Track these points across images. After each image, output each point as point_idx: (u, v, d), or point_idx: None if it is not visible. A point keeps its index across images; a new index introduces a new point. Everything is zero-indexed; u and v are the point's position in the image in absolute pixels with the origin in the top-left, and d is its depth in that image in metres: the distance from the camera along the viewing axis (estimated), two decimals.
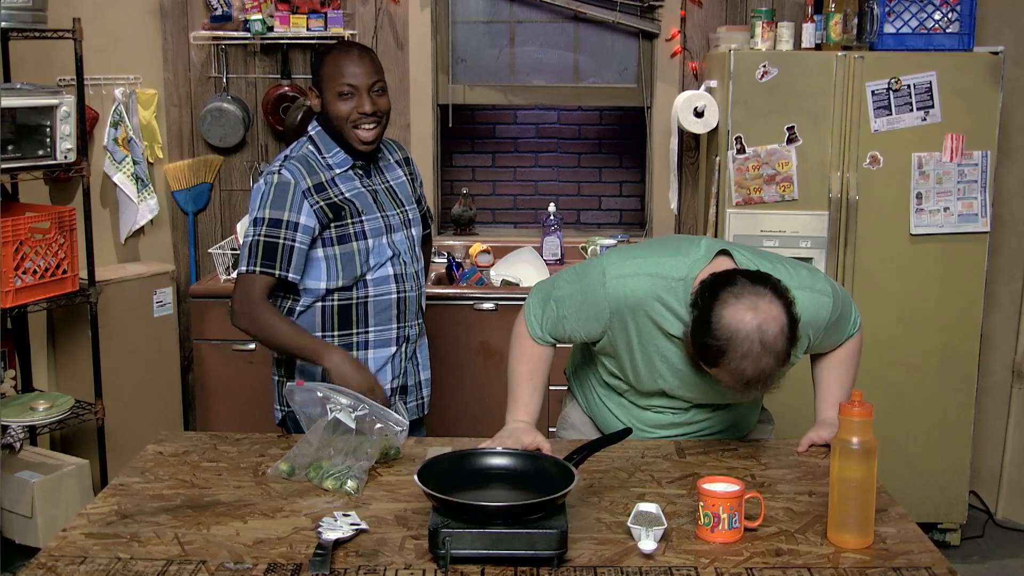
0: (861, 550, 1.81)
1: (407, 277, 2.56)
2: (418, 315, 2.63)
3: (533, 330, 2.28)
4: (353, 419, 2.12)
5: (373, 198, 2.53)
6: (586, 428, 2.45)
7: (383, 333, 2.55)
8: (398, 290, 2.54)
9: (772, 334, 1.89)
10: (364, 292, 2.50)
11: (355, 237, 2.47)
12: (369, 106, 2.45)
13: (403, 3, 4.14)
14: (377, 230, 2.50)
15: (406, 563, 1.75)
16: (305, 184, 2.43)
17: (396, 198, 2.59)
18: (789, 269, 2.15)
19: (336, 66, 2.46)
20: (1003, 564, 3.74)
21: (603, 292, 2.15)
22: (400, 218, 2.57)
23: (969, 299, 3.65)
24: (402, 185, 2.64)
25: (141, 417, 3.90)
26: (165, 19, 4.19)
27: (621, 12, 4.17)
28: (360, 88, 2.45)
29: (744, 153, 3.57)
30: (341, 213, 2.45)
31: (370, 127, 2.47)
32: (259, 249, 2.40)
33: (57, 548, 1.80)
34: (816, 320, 2.14)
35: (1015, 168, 3.98)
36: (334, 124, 2.48)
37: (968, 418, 3.73)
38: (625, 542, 1.83)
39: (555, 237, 4.16)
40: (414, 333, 2.62)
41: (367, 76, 2.46)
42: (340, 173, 2.50)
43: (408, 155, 2.75)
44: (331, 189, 2.46)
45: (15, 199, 3.59)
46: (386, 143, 2.68)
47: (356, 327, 2.52)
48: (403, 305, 2.56)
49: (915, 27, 3.55)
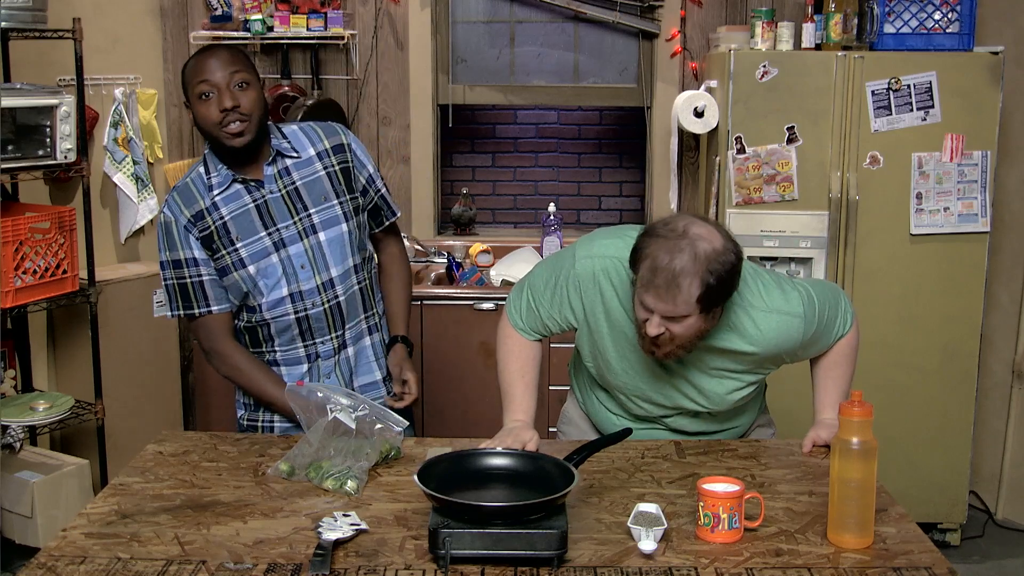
0: (861, 550, 1.81)
1: (309, 293, 2.38)
2: (336, 325, 2.44)
3: (515, 322, 2.30)
4: (353, 419, 2.12)
5: (260, 214, 2.35)
6: (583, 423, 2.45)
7: (288, 352, 2.45)
8: (296, 310, 2.38)
9: (698, 233, 1.92)
10: (263, 316, 2.40)
11: (233, 267, 2.34)
12: (229, 100, 2.24)
13: (403, 3, 4.14)
14: (259, 253, 2.34)
15: (406, 563, 1.75)
16: (184, 218, 2.33)
17: (296, 203, 2.37)
18: (761, 286, 2.12)
19: (193, 70, 2.29)
20: (1003, 564, 3.74)
21: (573, 273, 2.18)
22: (298, 227, 2.36)
23: (969, 299, 3.65)
24: (314, 183, 2.39)
25: (141, 417, 3.90)
26: (165, 19, 4.20)
27: (621, 12, 4.17)
28: (218, 85, 2.25)
29: (744, 153, 3.57)
30: (212, 246, 2.33)
31: (235, 124, 2.26)
32: (175, 293, 2.38)
33: (57, 548, 1.80)
34: (787, 343, 2.13)
35: (1015, 168, 3.98)
36: (206, 134, 2.30)
37: (968, 418, 3.72)
38: (625, 542, 1.83)
39: (555, 237, 4.16)
40: (329, 348, 2.45)
41: (223, 69, 2.26)
42: (222, 194, 2.34)
43: (343, 141, 2.45)
44: (210, 216, 2.33)
45: (15, 199, 3.59)
46: (308, 131, 2.45)
47: (264, 346, 2.45)
48: (306, 323, 2.40)
49: (915, 27, 3.55)
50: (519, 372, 2.29)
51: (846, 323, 2.26)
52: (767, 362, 2.17)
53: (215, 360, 2.44)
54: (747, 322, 2.09)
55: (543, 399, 3.68)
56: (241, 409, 2.55)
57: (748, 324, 2.09)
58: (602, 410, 2.36)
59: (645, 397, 2.25)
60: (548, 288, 2.24)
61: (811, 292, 2.17)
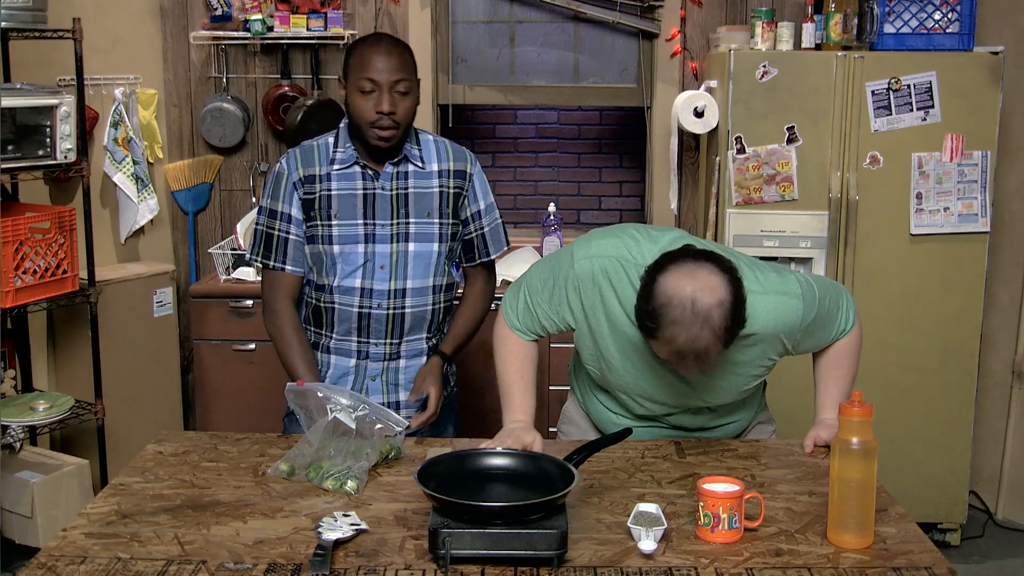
0: (861, 550, 1.81)
1: (379, 293, 2.42)
2: (395, 333, 2.47)
3: (511, 322, 2.30)
4: (353, 419, 2.12)
5: (364, 202, 2.41)
6: (584, 423, 2.45)
7: (343, 343, 2.48)
8: (361, 304, 2.43)
9: (706, 303, 1.89)
10: (330, 298, 2.45)
11: (321, 240, 2.41)
12: (387, 105, 2.31)
13: (403, 3, 4.14)
14: (350, 237, 2.40)
15: (406, 563, 1.75)
16: (297, 175, 2.40)
17: (401, 208, 2.42)
18: (757, 272, 2.13)
19: (360, 58, 2.33)
20: (1003, 564, 3.74)
21: (572, 274, 2.17)
22: (392, 230, 2.41)
23: (969, 299, 3.65)
24: (425, 196, 2.44)
25: (141, 417, 3.90)
26: (165, 19, 4.19)
27: (621, 12, 4.17)
28: (381, 86, 2.31)
29: (744, 153, 3.57)
30: (311, 212, 2.40)
31: (386, 128, 2.33)
32: (261, 240, 2.45)
33: (57, 548, 1.80)
34: (786, 325, 2.12)
35: (1015, 168, 3.98)
36: (352, 119, 2.37)
37: (968, 418, 3.72)
38: (625, 542, 1.83)
39: (555, 237, 4.16)
40: (381, 351, 2.48)
41: (390, 72, 2.31)
42: (341, 169, 2.41)
43: (467, 170, 2.50)
44: (320, 184, 2.40)
45: (15, 199, 3.59)
46: (440, 146, 2.50)
47: (324, 329, 2.50)
48: (366, 320, 2.45)
49: (915, 27, 3.55)
50: (518, 373, 2.29)
51: (848, 320, 2.26)
52: (769, 349, 2.15)
53: (268, 315, 2.48)
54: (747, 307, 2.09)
55: (543, 399, 3.68)
56: None
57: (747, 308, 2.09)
58: (603, 411, 2.36)
59: (649, 396, 2.24)
60: (546, 289, 2.24)
61: (810, 280, 2.18)
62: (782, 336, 2.13)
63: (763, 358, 2.17)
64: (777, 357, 2.20)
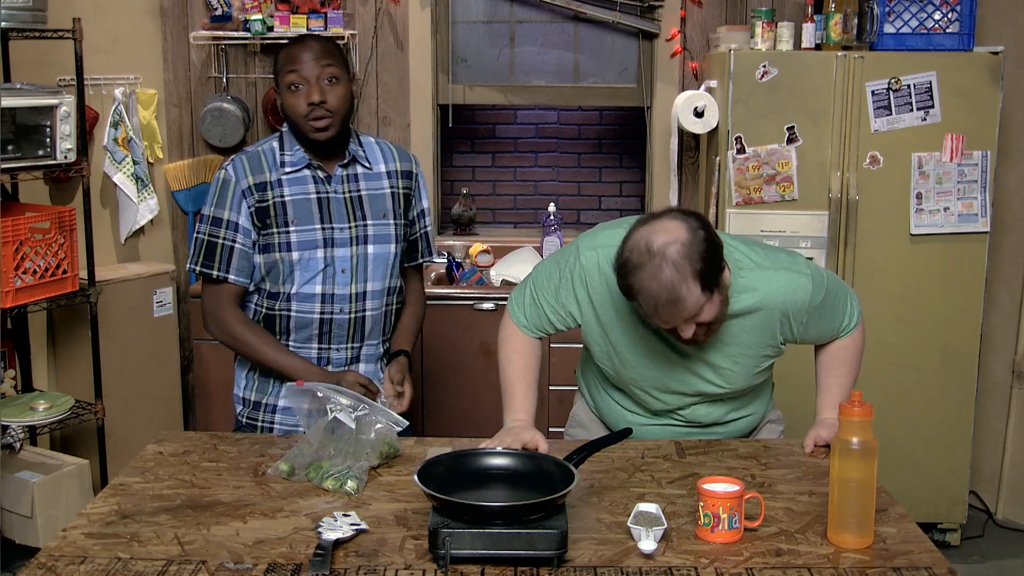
0: (861, 550, 1.81)
1: (340, 298, 2.41)
2: (356, 337, 2.46)
3: (518, 319, 2.30)
4: (353, 419, 2.12)
5: (319, 206, 2.38)
6: (594, 426, 2.45)
7: (302, 350, 2.44)
8: (322, 310, 2.40)
9: (660, 241, 1.91)
10: (286, 306, 2.41)
11: (278, 248, 2.36)
12: (317, 95, 2.29)
13: (403, 3, 4.14)
14: (309, 243, 2.37)
15: (406, 563, 1.75)
16: (246, 183, 2.35)
17: (356, 211, 2.42)
18: (767, 251, 2.17)
19: (286, 57, 2.34)
20: (1003, 564, 3.74)
21: (579, 265, 2.19)
22: (351, 233, 2.40)
23: (969, 299, 3.65)
24: (378, 197, 2.45)
25: (141, 417, 3.90)
26: (165, 19, 4.20)
27: (621, 12, 4.17)
28: (308, 78, 2.31)
29: (744, 153, 3.57)
30: (266, 220, 2.35)
31: (320, 119, 2.31)
32: (202, 248, 2.39)
33: (57, 548, 1.80)
34: (794, 302, 2.13)
35: (1015, 168, 3.98)
36: (290, 121, 2.36)
37: (968, 418, 3.73)
38: (625, 542, 1.83)
39: (555, 237, 4.16)
40: (343, 356, 2.46)
41: (315, 62, 2.31)
42: (291, 174, 2.37)
43: (413, 169, 2.54)
44: (273, 190, 2.35)
45: (15, 199, 3.59)
46: (384, 147, 2.53)
47: (280, 337, 2.44)
48: (328, 326, 2.42)
49: (915, 27, 3.55)
50: (521, 371, 2.29)
51: (853, 317, 2.27)
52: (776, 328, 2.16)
53: (215, 324, 2.44)
54: (755, 281, 2.12)
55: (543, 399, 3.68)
56: (240, 405, 2.54)
57: (755, 282, 2.11)
58: (617, 408, 2.35)
59: (663, 387, 2.24)
60: (552, 282, 2.24)
61: (818, 267, 2.22)
62: (789, 313, 2.14)
63: (771, 338, 2.17)
64: (783, 340, 2.20)
